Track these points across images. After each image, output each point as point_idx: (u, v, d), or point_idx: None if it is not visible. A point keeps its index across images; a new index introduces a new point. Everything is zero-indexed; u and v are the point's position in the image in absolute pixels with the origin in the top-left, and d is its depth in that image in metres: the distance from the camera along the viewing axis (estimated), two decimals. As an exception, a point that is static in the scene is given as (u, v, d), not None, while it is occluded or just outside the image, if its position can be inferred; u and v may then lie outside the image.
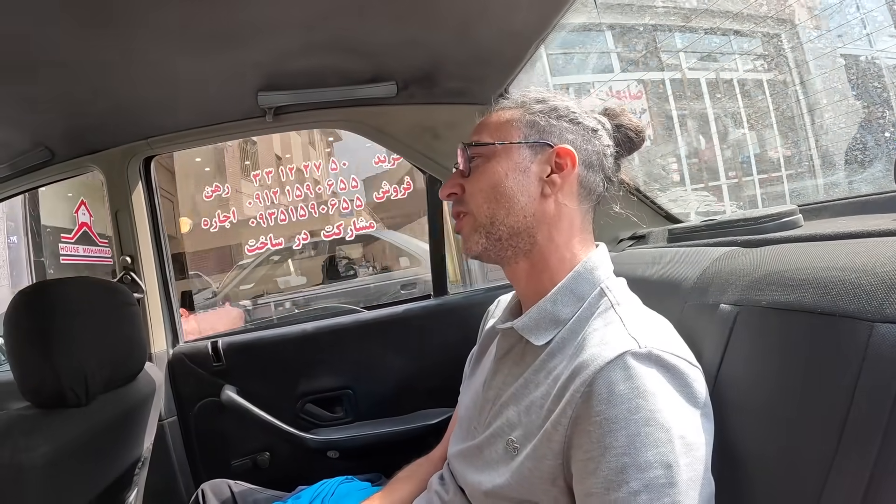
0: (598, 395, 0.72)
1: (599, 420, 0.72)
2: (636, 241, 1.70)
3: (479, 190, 0.95)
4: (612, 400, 0.71)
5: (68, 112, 1.59)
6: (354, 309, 2.17)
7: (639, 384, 0.71)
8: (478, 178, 0.96)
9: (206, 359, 1.95)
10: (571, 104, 0.99)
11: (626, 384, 0.72)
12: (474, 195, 0.96)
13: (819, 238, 0.96)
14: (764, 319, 0.79)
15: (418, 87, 1.76)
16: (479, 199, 0.95)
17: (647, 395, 0.71)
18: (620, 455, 0.70)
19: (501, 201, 0.93)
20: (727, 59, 4.04)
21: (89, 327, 1.23)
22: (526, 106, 0.99)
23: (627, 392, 0.71)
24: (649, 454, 0.69)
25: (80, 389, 1.17)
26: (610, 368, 0.73)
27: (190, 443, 1.95)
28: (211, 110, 1.77)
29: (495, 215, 0.94)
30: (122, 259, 1.92)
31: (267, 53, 1.44)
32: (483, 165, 0.96)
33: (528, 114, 0.97)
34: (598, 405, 0.72)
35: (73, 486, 1.19)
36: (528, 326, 0.92)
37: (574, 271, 0.92)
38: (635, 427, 0.70)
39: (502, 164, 0.94)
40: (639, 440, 0.69)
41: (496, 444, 0.91)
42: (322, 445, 1.85)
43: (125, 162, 1.89)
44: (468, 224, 0.97)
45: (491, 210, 0.94)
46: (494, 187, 0.94)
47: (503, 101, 1.03)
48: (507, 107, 1.00)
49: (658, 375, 0.73)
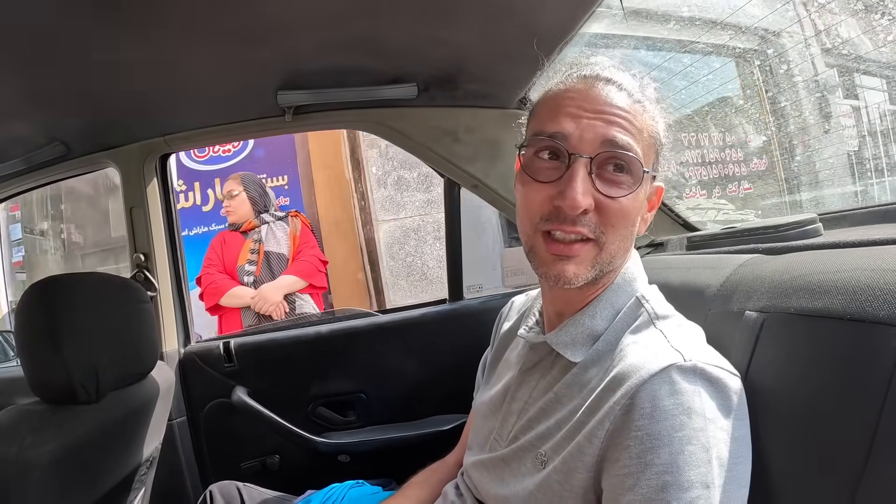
0: (641, 409, 0.69)
1: (641, 435, 0.68)
2: (654, 249, 1.68)
3: (624, 219, 0.82)
4: (656, 415, 0.68)
5: (85, 108, 1.58)
6: (369, 312, 2.16)
7: (683, 400, 0.68)
8: (620, 203, 0.81)
9: (217, 359, 1.93)
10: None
11: (670, 399, 0.68)
12: (617, 225, 0.81)
13: (843, 245, 0.93)
14: (791, 326, 0.77)
15: (439, 90, 1.74)
16: (620, 230, 0.82)
17: (691, 413, 0.68)
18: (662, 473, 0.66)
19: (627, 239, 0.84)
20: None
21: (101, 323, 1.21)
22: (656, 120, 0.86)
23: (672, 408, 0.68)
24: (691, 473, 0.66)
25: (90, 386, 1.15)
26: (654, 382, 0.70)
27: (199, 443, 1.94)
28: (229, 108, 1.76)
29: (617, 253, 0.84)
30: (135, 257, 1.91)
31: (287, 52, 1.43)
32: (628, 188, 0.81)
33: (660, 136, 0.87)
34: (639, 419, 0.69)
35: (80, 483, 1.18)
36: (563, 342, 0.87)
37: (614, 284, 0.88)
38: (679, 445, 0.66)
39: (641, 195, 0.83)
40: (681, 458, 0.66)
41: (523, 457, 0.87)
42: (333, 449, 1.84)
43: (141, 159, 1.88)
44: (589, 254, 0.82)
45: (617, 246, 0.83)
46: (633, 224, 0.84)
47: (646, 92, 0.87)
48: (647, 110, 0.85)
49: (702, 391, 0.70)
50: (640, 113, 0.84)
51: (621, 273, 0.88)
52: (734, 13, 3.21)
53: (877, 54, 3.02)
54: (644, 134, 0.83)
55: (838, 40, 3.09)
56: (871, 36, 2.92)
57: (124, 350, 1.28)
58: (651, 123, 0.85)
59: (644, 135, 0.83)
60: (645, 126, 0.84)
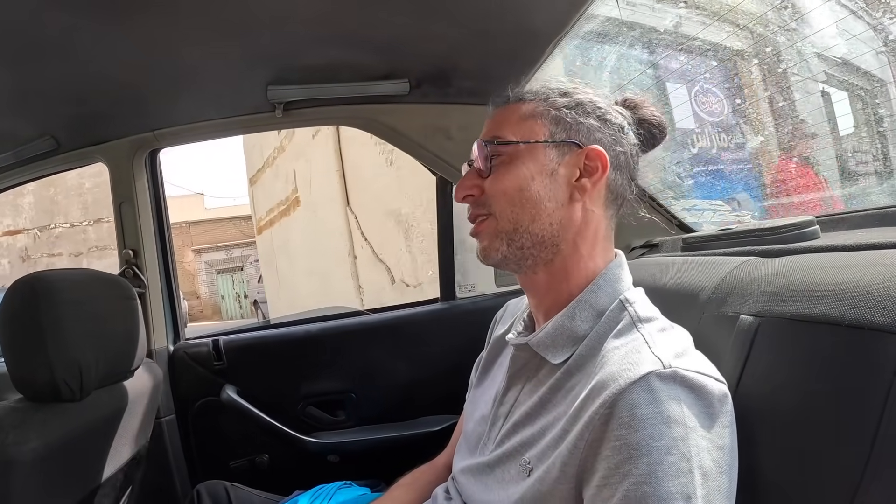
0: (619, 419, 0.67)
1: (619, 445, 0.67)
2: (649, 250, 1.66)
3: (502, 192, 0.88)
4: (634, 424, 0.66)
5: (75, 101, 1.57)
6: (360, 311, 2.14)
7: (662, 408, 0.66)
8: (500, 179, 0.88)
9: (207, 357, 1.92)
10: (597, 98, 0.93)
11: (649, 408, 0.67)
12: (497, 197, 0.88)
13: (841, 249, 0.92)
14: (787, 331, 0.75)
15: (432, 86, 1.73)
16: (502, 202, 0.88)
17: (670, 422, 0.66)
18: (640, 484, 0.64)
19: (527, 207, 0.87)
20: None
21: (86, 320, 1.19)
22: (549, 99, 0.91)
23: (651, 417, 0.66)
24: (671, 484, 0.64)
25: (74, 383, 1.13)
26: (633, 390, 0.68)
27: (188, 442, 1.92)
28: (219, 103, 1.75)
29: (519, 222, 0.87)
30: (124, 253, 1.89)
31: (278, 46, 1.42)
32: (506, 166, 0.88)
33: (552, 109, 0.90)
34: (618, 429, 0.67)
35: (64, 482, 1.16)
36: (543, 343, 0.87)
37: (594, 283, 0.87)
38: (657, 455, 0.65)
39: (528, 165, 0.87)
40: (661, 469, 0.64)
41: (508, 463, 0.86)
42: (322, 449, 1.83)
43: (131, 154, 1.86)
44: (490, 228, 0.89)
45: (515, 216, 0.87)
46: (520, 191, 0.87)
47: (520, 91, 0.94)
48: (528, 99, 0.92)
49: (683, 398, 0.68)
50: (515, 104, 0.93)
51: (602, 273, 0.88)
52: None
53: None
54: (514, 116, 0.91)
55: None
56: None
57: (110, 348, 1.26)
58: (530, 107, 0.91)
59: (514, 117, 0.91)
60: (517, 110, 0.92)
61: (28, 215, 12.47)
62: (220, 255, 22.95)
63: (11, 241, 12.49)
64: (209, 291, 22.99)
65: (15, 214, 12.35)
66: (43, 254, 11.95)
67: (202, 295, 22.73)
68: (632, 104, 0.97)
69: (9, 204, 11.99)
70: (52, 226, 12.14)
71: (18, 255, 12.39)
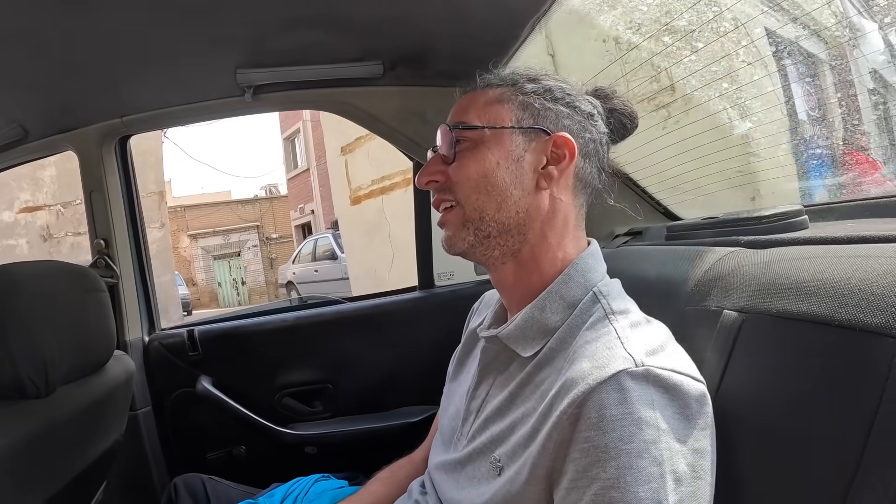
0: (588, 419, 0.65)
1: (588, 447, 0.64)
2: (632, 238, 1.64)
3: (466, 179, 0.86)
4: (603, 426, 0.64)
5: (39, 87, 1.53)
6: (337, 300, 2.12)
7: (633, 409, 0.64)
8: (465, 165, 0.87)
9: (182, 348, 1.90)
10: (566, 85, 0.91)
11: (618, 408, 0.64)
12: (461, 184, 0.87)
13: (831, 241, 0.89)
14: (772, 329, 0.73)
15: (406, 68, 1.69)
16: (467, 189, 0.86)
17: (641, 423, 0.63)
18: (609, 488, 0.62)
19: (492, 194, 0.85)
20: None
21: (50, 314, 1.16)
22: (517, 85, 0.89)
23: (620, 418, 0.64)
24: (640, 490, 0.62)
25: (38, 379, 1.10)
26: (602, 389, 0.65)
27: (164, 434, 1.91)
28: (187, 88, 1.71)
29: (485, 209, 0.85)
30: (96, 243, 1.86)
31: (246, 27, 1.38)
32: (471, 151, 0.87)
33: (520, 94, 0.88)
34: (586, 430, 0.65)
35: (34, 480, 1.13)
36: (513, 336, 0.85)
37: (564, 274, 0.85)
38: (626, 459, 0.62)
39: (493, 151, 0.86)
40: (630, 474, 0.62)
41: (479, 461, 0.84)
42: (299, 441, 1.82)
43: (100, 142, 1.82)
44: (456, 217, 0.88)
45: (480, 203, 0.85)
46: (485, 177, 0.85)
47: (488, 76, 0.92)
48: (495, 84, 0.91)
49: (655, 399, 0.65)
50: (483, 89, 0.91)
51: (573, 263, 0.85)
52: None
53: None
54: (481, 101, 0.89)
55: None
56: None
57: (76, 341, 1.23)
58: (497, 92, 0.90)
59: (480, 101, 0.89)
60: (484, 95, 0.90)
61: (49, 190, 11.33)
62: (217, 240, 22.68)
63: (31, 218, 11.47)
64: (206, 278, 22.74)
65: (34, 189, 11.25)
66: (67, 232, 11.01)
67: (198, 282, 22.46)
68: (602, 94, 0.96)
69: (27, 177, 10.92)
70: (77, 201, 11.08)
71: (39, 233, 11.38)
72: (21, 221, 11.50)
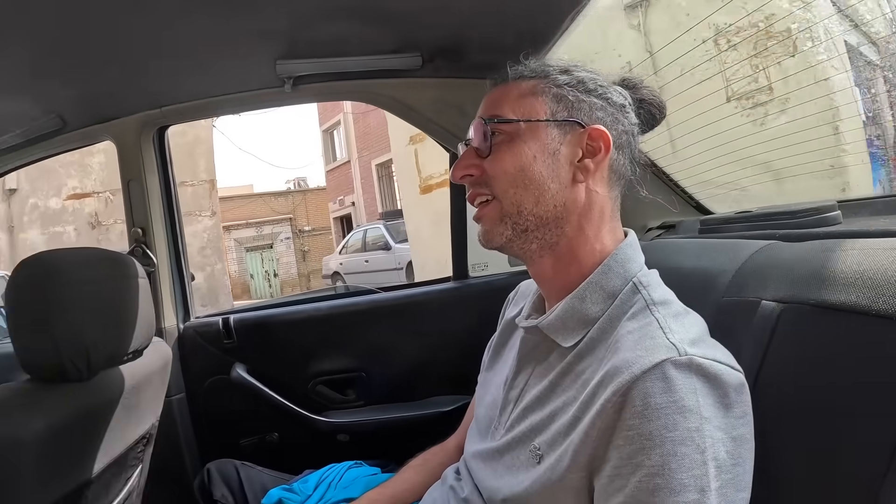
0: (633, 408, 0.65)
1: (632, 435, 0.65)
2: (665, 231, 1.63)
3: (503, 173, 0.86)
4: (648, 414, 0.64)
5: (80, 79, 1.55)
6: (371, 290, 2.13)
7: (677, 398, 0.64)
8: (501, 159, 0.86)
9: (216, 335, 1.92)
10: (598, 77, 0.90)
11: (663, 397, 0.65)
12: (498, 178, 0.86)
13: (865, 235, 0.89)
14: (811, 319, 0.73)
15: (444, 60, 1.69)
16: (504, 183, 0.86)
17: (685, 412, 0.64)
18: (653, 475, 0.63)
19: (530, 188, 0.84)
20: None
21: (92, 299, 1.18)
22: (550, 77, 0.89)
23: (665, 406, 0.64)
24: (684, 476, 0.62)
25: (81, 363, 1.12)
26: (647, 378, 0.66)
27: (198, 420, 1.94)
28: (227, 79, 1.72)
29: (523, 203, 0.85)
30: (133, 231, 1.89)
31: (287, 19, 1.39)
32: (507, 145, 0.86)
33: (553, 86, 0.87)
34: (631, 418, 0.65)
35: (73, 461, 1.16)
36: (553, 326, 0.85)
37: (604, 265, 0.84)
38: (671, 446, 0.63)
39: (529, 144, 0.85)
40: (674, 461, 0.63)
41: (518, 449, 0.84)
42: (332, 428, 1.83)
43: (138, 132, 1.85)
44: (493, 211, 0.88)
45: (519, 197, 0.85)
46: (522, 171, 0.85)
47: (520, 68, 0.92)
48: (527, 76, 0.90)
49: (699, 388, 0.66)
50: (515, 81, 0.90)
51: (612, 254, 0.85)
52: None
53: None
54: (514, 93, 0.89)
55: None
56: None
57: (117, 327, 1.25)
58: (530, 85, 0.89)
59: (513, 94, 0.89)
60: (517, 87, 0.89)
61: (98, 176, 11.35)
62: (250, 231, 22.86)
63: (79, 205, 11.47)
64: (238, 270, 22.87)
65: (82, 175, 11.28)
66: (116, 219, 10.87)
67: (231, 273, 22.56)
68: (630, 84, 0.95)
69: (75, 164, 10.84)
70: (126, 188, 11.04)
71: (87, 220, 11.28)
72: (69, 208, 11.46)
